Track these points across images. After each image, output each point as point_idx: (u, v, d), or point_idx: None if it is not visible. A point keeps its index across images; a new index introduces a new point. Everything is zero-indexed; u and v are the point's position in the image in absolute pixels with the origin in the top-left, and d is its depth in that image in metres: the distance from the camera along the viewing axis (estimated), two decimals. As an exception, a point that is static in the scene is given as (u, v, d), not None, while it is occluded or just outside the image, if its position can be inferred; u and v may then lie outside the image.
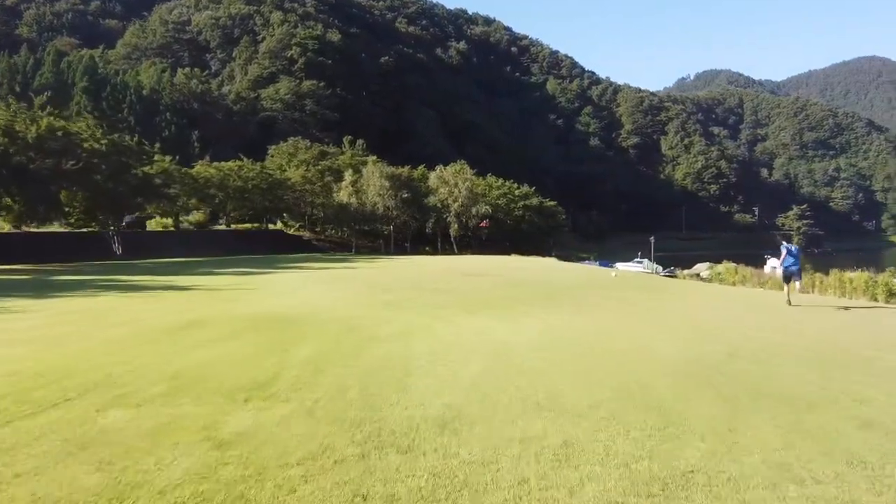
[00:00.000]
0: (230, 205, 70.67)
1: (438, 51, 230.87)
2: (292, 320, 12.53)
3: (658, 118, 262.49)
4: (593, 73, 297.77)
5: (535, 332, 11.13)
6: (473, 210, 72.50)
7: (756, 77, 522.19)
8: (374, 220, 73.86)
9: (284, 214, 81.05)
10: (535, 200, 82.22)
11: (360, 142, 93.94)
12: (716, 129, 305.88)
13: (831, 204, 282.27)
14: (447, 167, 78.16)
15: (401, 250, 75.37)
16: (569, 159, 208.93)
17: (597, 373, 7.75)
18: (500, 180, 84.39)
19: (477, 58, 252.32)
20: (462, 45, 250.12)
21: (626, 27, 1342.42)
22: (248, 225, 74.53)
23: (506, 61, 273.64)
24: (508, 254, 70.42)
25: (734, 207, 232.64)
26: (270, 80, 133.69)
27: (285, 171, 78.28)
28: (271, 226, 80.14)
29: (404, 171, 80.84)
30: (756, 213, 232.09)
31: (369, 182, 72.32)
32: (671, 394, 6.83)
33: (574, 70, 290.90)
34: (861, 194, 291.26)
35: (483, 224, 76.96)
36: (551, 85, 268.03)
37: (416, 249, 77.74)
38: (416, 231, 76.46)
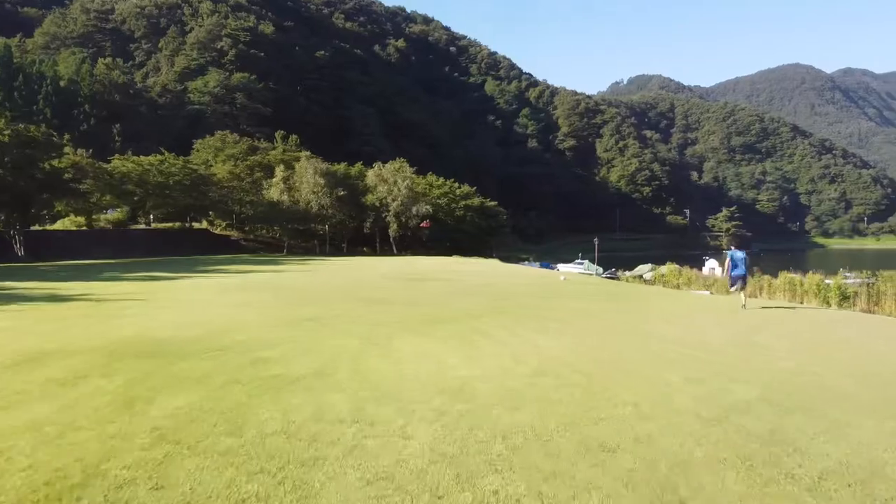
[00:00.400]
0: (150, 202, 65.47)
1: (377, 48, 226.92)
2: (177, 349, 9.41)
3: (594, 121, 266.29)
4: (531, 74, 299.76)
5: (499, 363, 8.42)
6: (414, 209, 69.51)
7: (686, 83, 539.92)
8: (307, 220, 69.85)
9: (210, 213, 76.11)
10: (476, 201, 79.90)
11: (293, 137, 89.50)
12: (648, 133, 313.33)
13: (758, 206, 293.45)
14: (386, 165, 74.97)
15: (337, 251, 71.75)
16: (508, 160, 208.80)
17: (606, 448, 5.08)
18: (441, 179, 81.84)
19: (416, 56, 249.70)
20: (401, 42, 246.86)
21: (562, 32, 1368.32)
22: (169, 224, 69.34)
23: (445, 61, 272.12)
24: (450, 255, 67.92)
25: (667, 209, 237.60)
26: (199, 72, 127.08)
27: (211, 166, 73.49)
28: (196, 225, 75.13)
29: (340, 167, 77.22)
30: (687, 215, 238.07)
31: (302, 178, 68.41)
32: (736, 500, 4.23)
33: (512, 71, 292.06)
34: (786, 197, 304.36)
35: (424, 224, 74.23)
36: (490, 86, 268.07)
37: (354, 250, 74.26)
38: (354, 231, 72.97)
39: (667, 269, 46.57)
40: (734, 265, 16.45)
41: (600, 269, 67.10)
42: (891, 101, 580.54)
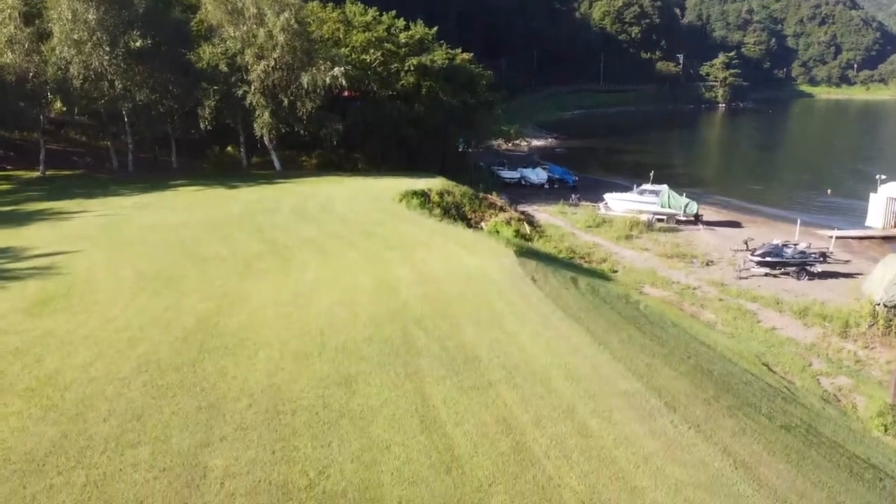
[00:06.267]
0: None
1: None
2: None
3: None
4: None
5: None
6: (305, 78, 32.30)
7: None
8: (71, 100, 32.68)
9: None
10: (439, 54, 41.56)
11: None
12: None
13: (744, 49, 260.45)
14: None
15: (159, 168, 35.64)
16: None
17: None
18: (372, 10, 42.61)
19: None
20: None
21: None
22: None
23: None
24: (387, 172, 33.58)
25: (657, 54, 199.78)
26: None
27: None
28: None
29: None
30: (681, 62, 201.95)
31: (58, 14, 30.20)
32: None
33: None
34: (774, 39, 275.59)
35: (349, 94, 38.00)
36: None
37: (196, 159, 37.94)
38: (186, 121, 35.21)
39: None
40: None
41: (693, 205, 33.23)
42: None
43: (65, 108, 37.31)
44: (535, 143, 75.44)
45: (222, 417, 8.64)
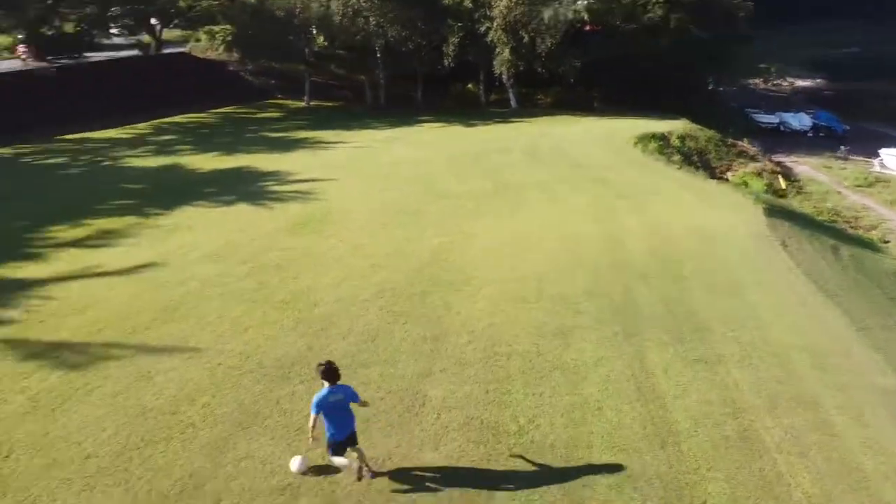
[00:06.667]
0: None
1: None
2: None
3: None
4: None
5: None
6: (547, 13, 31.63)
7: None
8: (331, 34, 36.00)
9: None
10: None
11: None
12: None
13: None
14: None
15: (407, 103, 37.75)
16: None
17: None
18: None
19: None
20: None
21: None
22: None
23: None
24: (626, 110, 32.19)
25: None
26: None
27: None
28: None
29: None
30: None
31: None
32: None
33: None
34: None
35: (592, 28, 36.68)
36: None
37: (440, 96, 39.33)
38: (432, 58, 36.66)
39: None
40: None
41: None
42: None
43: (326, 43, 41.09)
44: (799, 83, 65.48)
45: (444, 350, 9.17)
